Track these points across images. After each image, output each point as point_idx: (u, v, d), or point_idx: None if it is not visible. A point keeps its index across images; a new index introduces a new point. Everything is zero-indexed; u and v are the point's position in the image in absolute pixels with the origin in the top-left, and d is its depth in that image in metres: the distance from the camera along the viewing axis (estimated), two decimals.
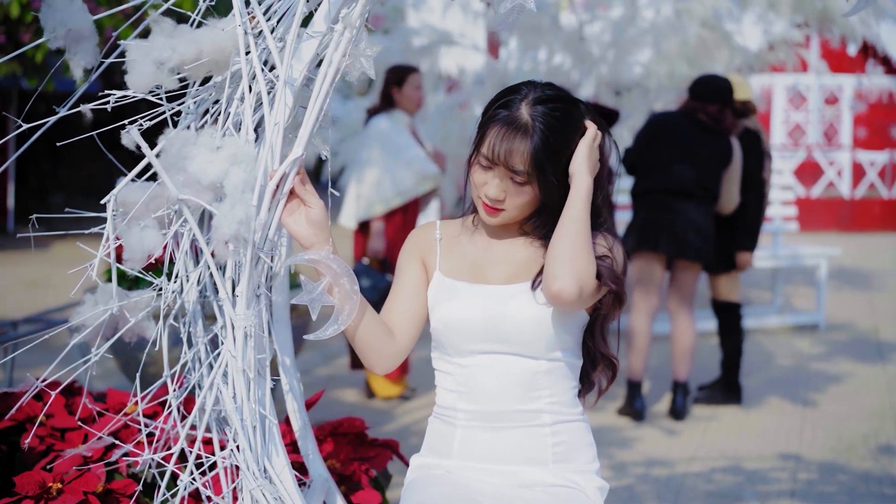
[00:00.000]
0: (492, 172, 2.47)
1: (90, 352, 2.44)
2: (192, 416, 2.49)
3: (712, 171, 6.74)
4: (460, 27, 10.64)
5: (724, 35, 9.43)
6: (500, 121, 2.46)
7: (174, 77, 2.37)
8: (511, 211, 2.50)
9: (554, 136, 2.43)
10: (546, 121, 2.43)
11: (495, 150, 2.44)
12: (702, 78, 7.00)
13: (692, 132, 6.76)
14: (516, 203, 2.49)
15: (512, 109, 2.46)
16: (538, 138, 2.42)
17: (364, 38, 2.37)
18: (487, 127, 2.48)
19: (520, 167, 2.43)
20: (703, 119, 6.72)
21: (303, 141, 2.35)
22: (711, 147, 6.74)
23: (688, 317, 6.95)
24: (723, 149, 6.77)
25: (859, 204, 20.13)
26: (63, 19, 2.39)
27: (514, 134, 2.43)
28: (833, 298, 11.37)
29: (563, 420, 2.55)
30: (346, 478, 3.06)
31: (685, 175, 6.69)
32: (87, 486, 2.69)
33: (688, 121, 6.79)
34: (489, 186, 2.48)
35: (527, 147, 2.42)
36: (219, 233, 2.24)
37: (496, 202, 2.48)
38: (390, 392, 7.21)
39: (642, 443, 6.27)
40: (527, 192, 2.47)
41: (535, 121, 2.43)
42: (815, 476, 5.68)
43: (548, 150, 2.43)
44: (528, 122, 2.43)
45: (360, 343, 2.50)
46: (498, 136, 2.45)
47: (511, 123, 2.45)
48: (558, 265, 2.38)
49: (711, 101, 6.75)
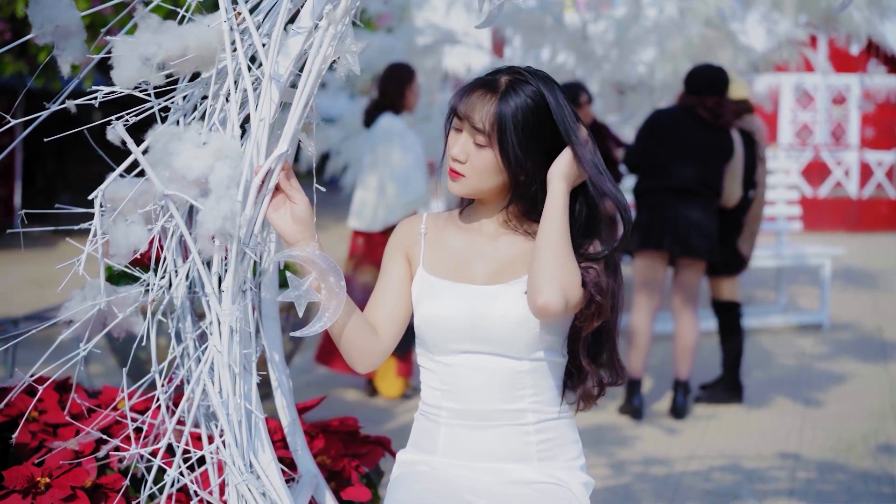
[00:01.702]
0: (461, 134, 2.46)
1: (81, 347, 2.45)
2: (179, 410, 2.50)
3: (714, 167, 6.74)
4: (464, 26, 10.65)
5: (729, 34, 9.42)
6: (478, 81, 2.48)
7: (160, 73, 2.38)
8: (472, 178, 2.46)
9: (526, 107, 2.41)
10: (521, 91, 2.42)
11: (462, 105, 2.45)
12: (696, 69, 6.96)
13: (692, 129, 6.75)
14: (476, 167, 2.45)
15: (494, 76, 2.47)
16: (507, 103, 2.40)
17: (349, 34, 2.37)
18: (468, 88, 2.48)
19: (479, 124, 2.41)
20: (702, 114, 6.71)
21: (287, 136, 2.36)
22: (712, 143, 6.73)
23: (691, 315, 6.94)
24: (724, 144, 6.76)
25: (867, 204, 20.09)
26: (51, 15, 2.41)
27: (484, 92, 2.43)
28: (837, 298, 11.35)
29: (547, 418, 2.54)
30: (336, 474, 3.06)
31: (687, 173, 6.68)
32: (75, 480, 2.70)
33: (687, 117, 6.78)
34: (455, 146, 2.47)
35: (491, 107, 2.41)
36: (204, 228, 2.25)
37: (457, 163, 2.46)
38: (393, 391, 7.21)
39: (641, 441, 6.26)
40: (486, 158, 2.43)
41: (511, 87, 2.42)
42: (813, 475, 5.67)
43: (514, 119, 2.40)
44: (501, 85, 2.43)
45: (344, 341, 2.49)
46: (469, 93, 2.45)
47: (486, 84, 2.45)
48: (542, 278, 2.36)
49: (708, 93, 6.73)
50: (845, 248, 11.26)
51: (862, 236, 18.71)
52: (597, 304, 2.43)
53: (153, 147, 2.33)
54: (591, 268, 2.44)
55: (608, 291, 2.45)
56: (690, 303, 6.93)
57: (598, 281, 2.43)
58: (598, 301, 2.43)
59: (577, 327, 2.50)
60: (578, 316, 2.47)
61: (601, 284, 2.43)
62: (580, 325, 2.48)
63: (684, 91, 6.90)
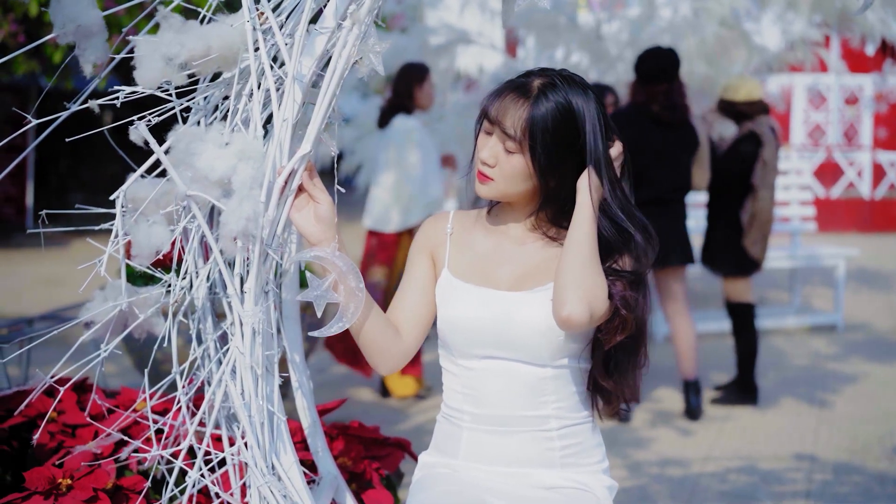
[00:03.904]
0: (491, 137, 2.44)
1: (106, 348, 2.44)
2: (200, 412, 2.49)
3: (680, 168, 6.65)
4: (478, 26, 10.63)
5: (743, 34, 9.39)
6: (510, 84, 2.45)
7: (183, 73, 2.37)
8: (500, 183, 2.44)
9: (558, 114, 2.38)
10: (553, 98, 2.39)
11: (493, 108, 2.42)
12: (645, 55, 6.72)
13: (650, 131, 6.59)
14: (505, 172, 2.43)
15: (527, 78, 2.45)
16: (538, 109, 2.37)
17: (373, 35, 2.36)
18: (500, 91, 2.46)
19: (511, 130, 2.39)
20: (657, 111, 6.54)
21: (311, 137, 2.34)
22: (673, 142, 6.61)
23: (685, 316, 6.89)
24: (685, 139, 6.64)
25: (879, 205, 20.00)
26: (72, 15, 2.39)
27: (516, 97, 2.41)
28: (852, 299, 11.32)
29: (570, 424, 2.52)
30: (357, 476, 3.05)
31: (656, 181, 6.58)
32: (97, 482, 2.69)
33: (642, 118, 6.61)
34: (484, 149, 2.45)
35: (523, 112, 2.38)
36: (226, 229, 2.24)
37: (486, 166, 2.44)
38: (406, 391, 7.20)
39: (657, 442, 6.25)
40: (516, 163, 2.41)
41: (542, 93, 2.39)
42: (830, 477, 5.65)
43: (545, 126, 2.37)
44: (533, 90, 2.41)
45: (364, 342, 2.47)
46: (501, 97, 2.43)
47: (518, 88, 2.43)
48: (567, 290, 2.33)
49: (657, 80, 6.54)
50: (859, 248, 11.20)
51: (874, 237, 18.64)
52: (621, 318, 2.40)
53: (175, 147, 2.32)
54: (618, 281, 2.41)
55: (634, 306, 2.42)
56: (682, 305, 6.88)
57: (624, 294, 2.40)
58: (623, 315, 2.40)
59: (598, 340, 2.47)
60: (602, 328, 2.44)
61: (627, 298, 2.40)
62: (602, 338, 2.45)
63: (635, 80, 6.69)
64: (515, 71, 9.88)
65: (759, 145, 7.01)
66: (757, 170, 7.03)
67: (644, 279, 2.47)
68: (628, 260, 2.46)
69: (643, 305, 2.45)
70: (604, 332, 2.44)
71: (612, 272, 2.42)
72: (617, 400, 2.56)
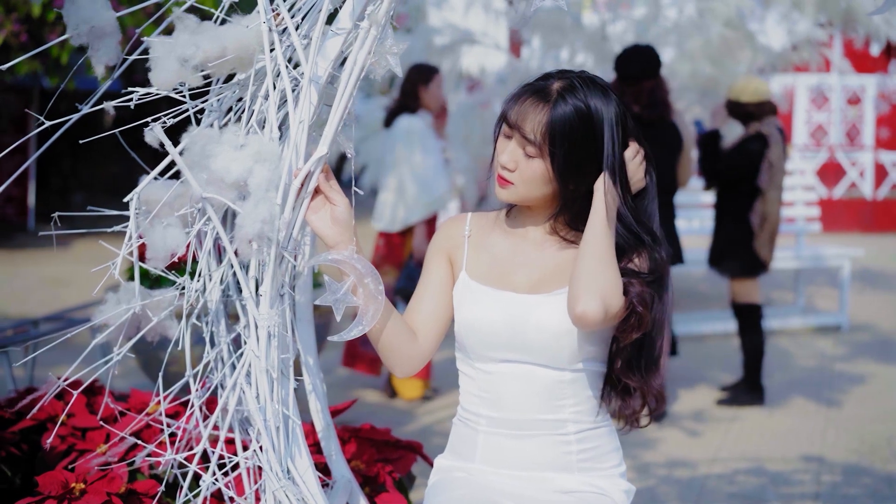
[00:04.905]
0: (511, 141, 2.43)
1: (111, 351, 2.43)
2: (214, 416, 2.47)
3: (664, 167, 6.50)
4: (482, 26, 10.61)
5: (748, 35, 9.37)
6: (530, 88, 2.43)
7: (198, 74, 2.36)
8: (520, 187, 2.43)
9: (578, 119, 2.36)
10: (572, 101, 2.37)
11: (513, 113, 2.41)
12: (626, 52, 6.57)
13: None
14: (525, 177, 2.41)
15: (546, 81, 2.43)
16: (559, 112, 2.36)
17: (390, 36, 2.34)
18: (520, 94, 2.44)
19: (531, 135, 2.37)
20: (638, 112, 6.41)
21: (328, 139, 2.32)
22: (658, 143, 6.44)
23: None
24: (668, 139, 6.53)
25: (882, 205, 19.98)
26: (87, 16, 2.38)
27: (536, 101, 2.39)
28: (855, 299, 11.29)
29: (588, 428, 2.50)
30: (370, 479, 3.03)
31: None
32: (111, 486, 2.67)
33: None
34: (504, 154, 2.43)
35: (543, 117, 2.36)
36: (242, 231, 2.22)
37: (505, 170, 2.42)
38: (413, 393, 7.18)
39: (664, 443, 6.22)
40: (536, 168, 2.39)
41: (562, 97, 2.37)
42: (838, 478, 5.63)
43: (565, 131, 2.35)
44: (553, 94, 2.39)
45: (382, 345, 2.45)
46: (521, 101, 2.41)
47: (537, 92, 2.41)
48: (581, 287, 2.31)
49: (641, 77, 6.40)
50: (863, 249, 11.18)
51: (877, 237, 18.62)
52: (637, 316, 2.38)
53: (190, 149, 2.31)
54: (634, 279, 2.39)
55: (651, 304, 2.40)
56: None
57: (640, 291, 2.38)
58: (640, 312, 2.37)
59: (618, 342, 2.46)
60: (618, 326, 2.41)
61: (643, 296, 2.38)
62: (619, 336, 2.43)
63: (616, 79, 6.56)
64: (519, 71, 9.94)
65: (765, 145, 6.99)
66: (763, 170, 7.00)
67: (663, 278, 2.45)
68: (645, 260, 2.44)
69: (661, 303, 2.44)
70: (620, 331, 2.42)
71: (629, 272, 2.40)
72: (645, 397, 2.52)
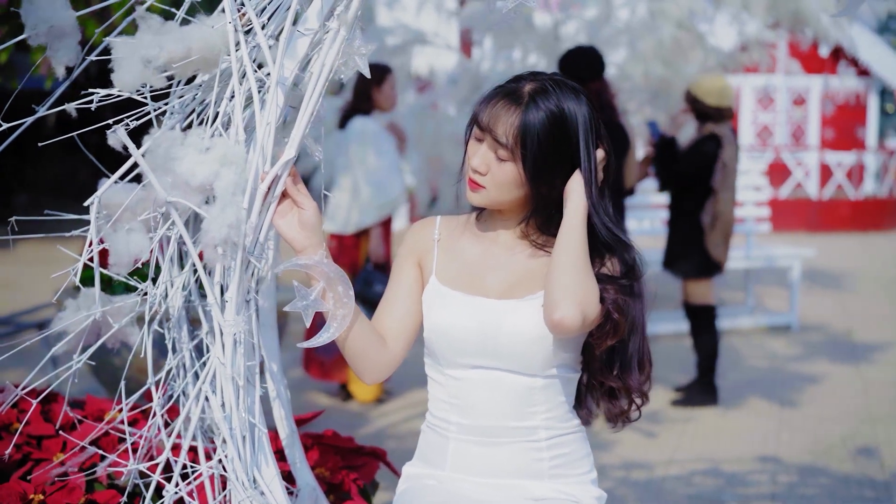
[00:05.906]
0: (482, 144, 2.39)
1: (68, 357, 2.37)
2: (177, 424, 2.42)
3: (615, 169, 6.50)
4: (434, 26, 10.57)
5: (698, 36, 9.41)
6: (501, 90, 2.39)
7: (162, 76, 2.30)
8: (492, 191, 2.38)
9: (550, 122, 2.32)
10: (545, 104, 2.33)
11: (485, 115, 2.37)
12: (571, 53, 6.38)
13: None
14: (497, 180, 2.37)
15: (518, 83, 2.39)
16: (531, 115, 2.32)
17: (358, 37, 2.30)
18: (491, 97, 2.40)
19: (503, 138, 2.33)
20: None
21: (295, 142, 2.27)
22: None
23: None
24: (617, 140, 6.36)
25: (827, 205, 20.18)
26: (45, 16, 2.32)
27: (507, 104, 2.35)
28: (803, 299, 11.36)
29: (559, 434, 2.47)
30: (334, 487, 2.99)
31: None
32: (70, 497, 2.60)
33: None
34: (475, 157, 2.39)
35: (515, 120, 2.32)
36: (209, 236, 2.17)
37: (477, 174, 2.38)
38: (368, 396, 7.14)
39: (620, 445, 6.21)
40: (508, 172, 2.35)
41: (534, 99, 2.33)
42: (794, 479, 5.65)
43: (537, 134, 2.31)
44: (524, 97, 2.35)
45: (350, 351, 2.40)
46: (492, 103, 2.37)
47: (509, 94, 2.37)
48: (558, 293, 2.27)
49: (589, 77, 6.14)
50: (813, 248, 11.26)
51: (823, 237, 18.79)
52: (613, 322, 2.35)
53: (153, 152, 2.25)
54: (609, 285, 2.36)
55: (626, 310, 2.37)
56: None
57: (616, 298, 2.35)
58: (616, 319, 2.35)
59: (590, 345, 2.43)
60: (593, 333, 2.39)
61: (619, 302, 2.36)
62: (594, 343, 2.40)
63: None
64: (470, 72, 9.91)
65: (719, 146, 7.01)
66: (717, 171, 7.02)
67: (636, 284, 2.42)
68: (617, 263, 2.41)
69: (637, 308, 2.41)
70: (595, 337, 2.39)
71: (604, 277, 2.38)
72: (627, 397, 2.50)
